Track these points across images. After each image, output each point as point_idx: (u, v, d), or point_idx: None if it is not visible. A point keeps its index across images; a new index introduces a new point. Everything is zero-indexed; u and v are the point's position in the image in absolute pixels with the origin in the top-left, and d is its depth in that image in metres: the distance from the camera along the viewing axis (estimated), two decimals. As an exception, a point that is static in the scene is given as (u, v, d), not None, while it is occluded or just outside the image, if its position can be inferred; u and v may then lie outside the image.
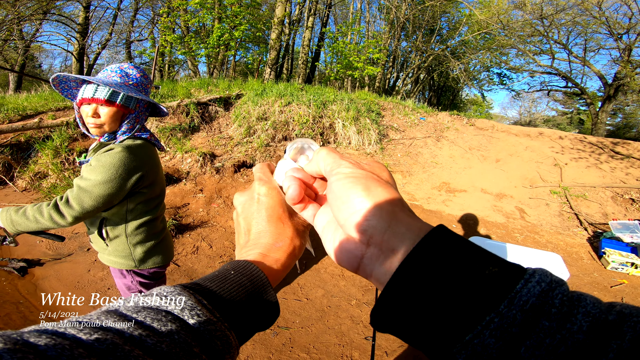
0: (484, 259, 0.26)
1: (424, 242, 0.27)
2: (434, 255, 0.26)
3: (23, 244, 3.46)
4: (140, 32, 19.01)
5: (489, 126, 8.57)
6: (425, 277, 0.26)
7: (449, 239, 0.27)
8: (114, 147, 1.40)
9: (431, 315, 0.25)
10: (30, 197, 4.55)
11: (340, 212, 0.33)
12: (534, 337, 0.21)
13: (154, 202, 1.62)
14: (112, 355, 0.23)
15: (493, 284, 0.24)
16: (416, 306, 0.26)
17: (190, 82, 8.99)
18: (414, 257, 0.27)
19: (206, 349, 0.31)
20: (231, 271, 0.39)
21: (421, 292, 0.26)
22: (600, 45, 15.50)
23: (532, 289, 0.23)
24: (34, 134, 5.33)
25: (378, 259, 0.30)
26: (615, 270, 4.18)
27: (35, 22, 14.46)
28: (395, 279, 0.27)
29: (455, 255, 0.26)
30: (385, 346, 2.56)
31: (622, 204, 5.89)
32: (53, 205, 1.36)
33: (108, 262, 1.62)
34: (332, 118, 7.10)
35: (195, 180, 5.12)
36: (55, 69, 26.24)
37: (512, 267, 0.25)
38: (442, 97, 25.51)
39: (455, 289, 0.24)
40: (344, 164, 0.36)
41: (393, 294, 0.27)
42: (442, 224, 0.29)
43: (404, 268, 0.27)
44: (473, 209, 5.53)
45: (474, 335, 0.23)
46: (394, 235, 0.30)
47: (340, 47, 14.32)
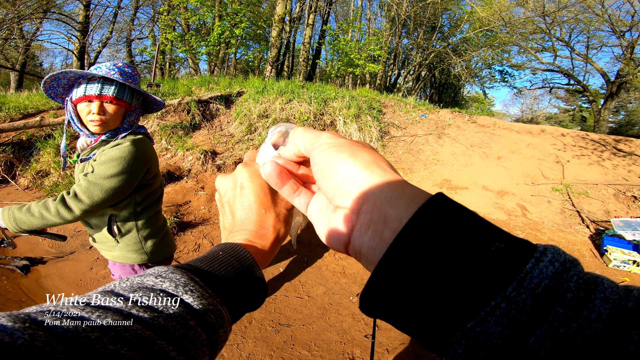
0: (489, 233, 0.22)
1: (421, 213, 0.24)
2: (432, 229, 0.23)
3: (26, 242, 3.48)
4: (141, 30, 19.04)
5: (490, 123, 8.54)
6: (421, 255, 0.23)
7: (449, 208, 0.24)
8: (121, 142, 1.43)
9: (427, 298, 0.22)
10: (33, 196, 4.56)
11: (328, 183, 0.31)
12: (546, 326, 0.19)
13: (157, 194, 1.67)
14: (113, 330, 0.25)
15: (499, 262, 0.21)
16: (411, 288, 0.23)
17: (191, 80, 8.98)
18: (409, 231, 0.24)
19: (201, 322, 0.32)
20: (220, 252, 0.40)
21: (416, 273, 0.23)
22: (603, 43, 15.43)
23: (544, 270, 0.20)
24: (36, 132, 5.34)
25: (368, 230, 0.27)
26: (617, 268, 4.17)
27: (35, 20, 14.46)
28: (388, 257, 0.24)
29: (456, 228, 0.23)
30: (387, 344, 2.56)
31: (625, 202, 5.87)
32: (60, 199, 1.37)
33: (120, 258, 1.61)
34: (333, 115, 7.09)
35: (196, 177, 5.12)
36: (56, 68, 26.28)
37: (521, 243, 0.22)
38: (443, 95, 25.43)
39: (456, 268, 0.21)
40: (324, 135, 0.34)
41: (385, 275, 0.24)
42: (441, 192, 0.25)
43: (397, 244, 0.24)
44: (474, 206, 5.52)
45: (476, 323, 0.20)
46: (386, 201, 0.27)
47: (341, 44, 14.28)
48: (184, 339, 0.28)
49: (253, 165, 0.48)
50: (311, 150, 0.34)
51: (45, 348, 0.20)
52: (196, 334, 0.30)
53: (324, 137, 0.33)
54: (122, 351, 0.23)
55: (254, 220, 0.45)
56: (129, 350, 0.24)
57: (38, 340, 0.20)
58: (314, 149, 0.33)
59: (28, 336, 0.20)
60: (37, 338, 0.21)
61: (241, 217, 0.46)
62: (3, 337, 0.20)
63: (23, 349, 0.19)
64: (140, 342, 0.25)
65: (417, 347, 2.54)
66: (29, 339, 0.20)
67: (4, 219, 1.38)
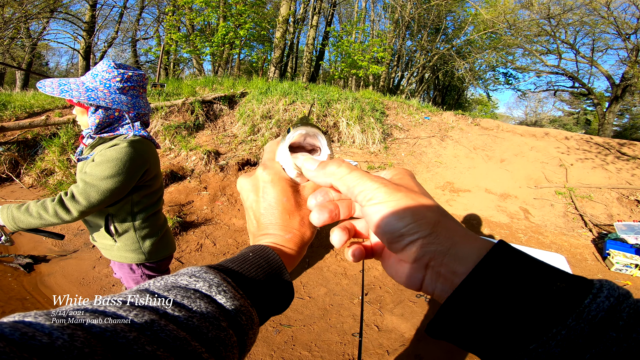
0: (550, 273, 0.26)
1: (488, 258, 0.28)
2: (498, 270, 0.27)
3: (29, 241, 3.51)
4: (146, 30, 19.11)
5: (494, 126, 8.52)
6: (490, 290, 0.26)
7: (511, 253, 0.28)
8: (118, 143, 1.43)
9: (497, 326, 0.25)
10: (37, 194, 4.59)
11: (390, 243, 0.33)
12: (600, 346, 0.22)
13: (156, 195, 1.67)
14: (150, 330, 0.25)
15: (561, 298, 0.24)
16: (483, 317, 0.26)
17: (195, 81, 9.02)
18: (478, 271, 0.27)
19: (232, 323, 0.32)
20: (250, 253, 0.41)
21: (485, 304, 0.26)
22: (608, 46, 15.33)
23: (601, 304, 0.23)
24: (41, 131, 5.38)
25: (438, 280, 0.31)
26: (619, 271, 4.15)
27: (42, 20, 14.58)
28: (460, 290, 0.27)
29: (519, 269, 0.27)
30: (387, 345, 2.56)
31: (628, 205, 5.84)
32: (58, 200, 1.38)
33: (117, 257, 1.63)
34: (336, 117, 7.10)
35: (199, 178, 5.14)
36: (61, 67, 26.46)
37: (579, 281, 0.26)
38: (447, 97, 25.37)
39: (522, 302, 0.25)
40: (373, 188, 0.33)
41: (454, 305, 0.28)
42: (503, 240, 0.29)
43: (468, 281, 0.27)
44: (477, 209, 5.51)
45: (538, 345, 0.23)
46: (453, 259, 0.30)
47: (345, 46, 14.28)
48: (216, 340, 0.29)
49: (274, 167, 0.46)
50: (360, 202, 0.34)
51: (84, 349, 0.20)
52: (228, 335, 0.30)
53: (374, 189, 0.33)
54: (159, 352, 0.23)
55: (279, 225, 0.45)
56: (164, 351, 0.24)
57: (77, 340, 0.20)
58: (365, 203, 0.34)
59: (67, 336, 0.20)
60: (76, 338, 0.20)
61: (265, 221, 0.45)
62: (42, 337, 0.19)
63: (63, 350, 0.19)
64: (176, 343, 0.25)
65: (418, 348, 2.54)
66: (68, 339, 0.20)
67: (3, 217, 1.40)
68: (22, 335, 0.19)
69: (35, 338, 0.19)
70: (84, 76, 1.47)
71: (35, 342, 0.19)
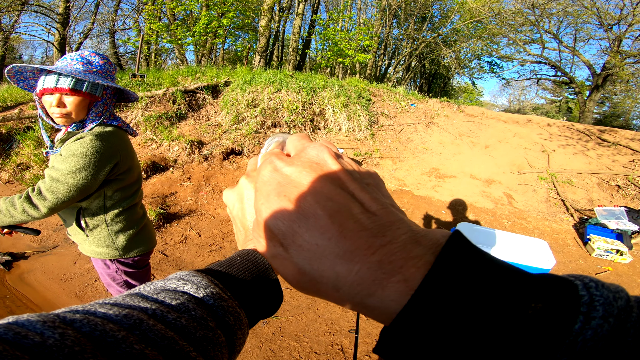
0: (518, 289, 0.19)
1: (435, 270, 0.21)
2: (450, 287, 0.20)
3: (7, 238, 3.38)
4: (124, 20, 18.41)
5: (478, 113, 8.59)
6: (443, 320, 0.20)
7: (465, 252, 0.22)
8: (84, 136, 1.36)
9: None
10: (14, 189, 4.44)
11: None
12: None
13: (132, 189, 1.60)
14: (138, 329, 0.26)
15: (540, 328, 0.18)
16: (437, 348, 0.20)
17: (177, 71, 8.80)
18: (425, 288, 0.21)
19: (220, 324, 0.33)
20: (237, 257, 0.42)
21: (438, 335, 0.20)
22: (590, 36, 15.58)
23: (598, 330, 0.17)
24: (15, 125, 5.18)
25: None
26: (600, 257, 4.23)
27: (13, 13, 13.93)
28: (407, 312, 0.21)
29: (476, 283, 0.20)
30: (376, 334, 2.58)
31: (608, 191, 5.99)
32: (25, 197, 1.32)
33: (90, 252, 1.58)
34: (322, 104, 7.04)
35: (182, 168, 5.04)
36: (36, 60, 25.46)
37: (558, 293, 0.19)
38: (433, 85, 25.50)
39: (484, 343, 0.18)
40: (308, 152, 0.32)
41: (404, 328, 0.21)
42: (458, 231, 0.23)
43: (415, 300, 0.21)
44: (462, 195, 5.57)
45: None
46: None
47: (331, 34, 14.12)
48: (204, 339, 0.29)
49: (255, 175, 0.47)
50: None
51: (74, 347, 0.20)
52: (216, 335, 0.31)
53: (308, 153, 0.31)
54: (147, 351, 0.24)
55: None
56: (152, 350, 0.24)
57: (68, 339, 0.21)
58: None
59: (58, 335, 0.21)
60: (67, 337, 0.21)
61: (252, 227, 0.47)
62: (34, 336, 0.20)
63: (54, 348, 0.20)
64: (164, 342, 0.26)
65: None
66: (59, 338, 0.20)
67: None
68: (16, 335, 0.20)
69: (28, 337, 0.20)
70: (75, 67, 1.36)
71: (28, 341, 0.19)
